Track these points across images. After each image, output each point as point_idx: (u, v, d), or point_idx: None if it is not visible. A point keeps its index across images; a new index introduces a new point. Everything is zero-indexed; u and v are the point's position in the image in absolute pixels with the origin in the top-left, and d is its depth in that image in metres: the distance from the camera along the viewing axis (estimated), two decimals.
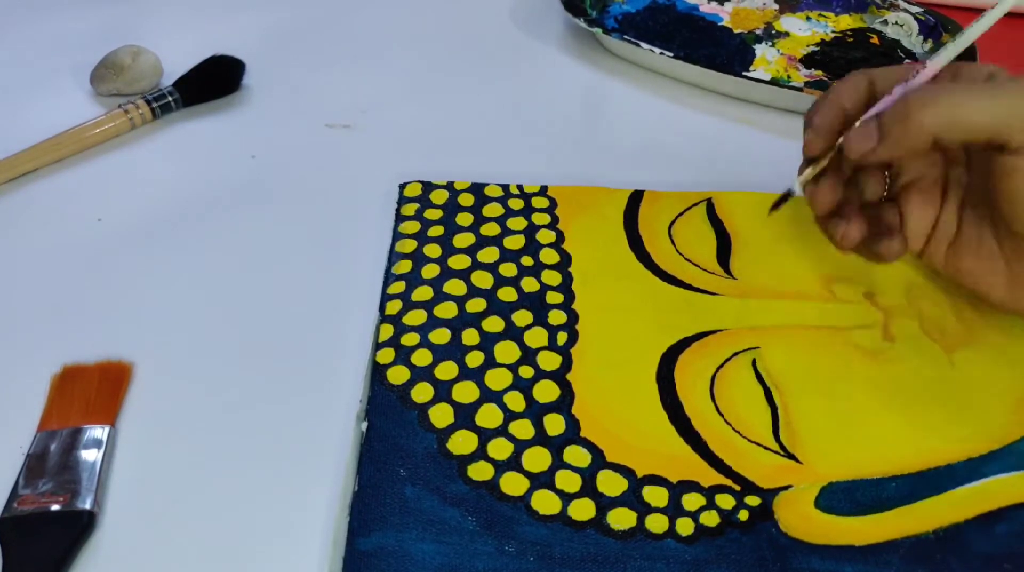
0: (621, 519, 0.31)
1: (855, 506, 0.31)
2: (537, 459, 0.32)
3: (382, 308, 0.38)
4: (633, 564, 0.29)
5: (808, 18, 0.61)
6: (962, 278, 0.37)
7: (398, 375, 0.35)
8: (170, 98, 0.50)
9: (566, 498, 0.31)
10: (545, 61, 0.57)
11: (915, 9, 0.58)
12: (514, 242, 0.41)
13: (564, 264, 0.40)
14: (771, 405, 0.35)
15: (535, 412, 0.34)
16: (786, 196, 0.36)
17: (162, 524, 0.31)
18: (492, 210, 0.43)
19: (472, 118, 0.51)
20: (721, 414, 0.34)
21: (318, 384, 0.36)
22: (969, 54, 0.52)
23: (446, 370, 0.35)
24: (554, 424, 0.34)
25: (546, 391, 0.35)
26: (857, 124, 0.34)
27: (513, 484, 0.32)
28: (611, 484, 0.32)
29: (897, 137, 0.32)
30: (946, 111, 0.31)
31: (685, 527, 0.31)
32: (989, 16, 0.35)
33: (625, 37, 0.54)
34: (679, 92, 0.54)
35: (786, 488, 0.32)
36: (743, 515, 0.31)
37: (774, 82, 0.53)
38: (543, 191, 0.44)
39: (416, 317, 0.38)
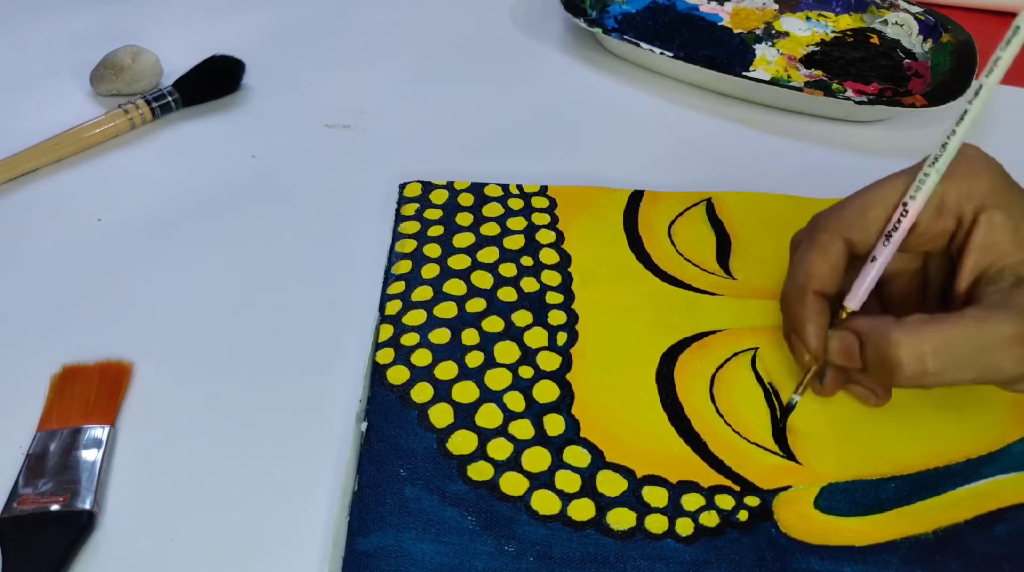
0: (621, 519, 0.31)
1: (854, 507, 0.31)
2: (537, 459, 0.32)
3: (382, 308, 0.38)
4: (633, 564, 0.29)
5: (808, 18, 0.61)
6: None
7: (398, 375, 0.35)
8: (170, 98, 0.50)
9: (566, 498, 0.31)
10: (545, 61, 0.57)
11: (915, 9, 0.58)
12: (514, 242, 0.41)
13: (564, 264, 0.40)
14: (770, 405, 0.35)
15: (535, 412, 0.34)
16: (789, 408, 0.34)
17: (162, 524, 0.31)
18: (492, 210, 0.43)
19: (472, 118, 0.51)
20: (721, 414, 0.34)
21: (318, 384, 0.36)
22: (970, 63, 0.52)
23: (446, 370, 0.35)
24: (554, 424, 0.34)
25: (546, 391, 0.35)
26: (846, 302, 0.33)
27: (513, 484, 0.32)
28: (611, 484, 0.32)
29: (879, 374, 0.31)
30: (925, 368, 0.29)
31: (685, 527, 0.31)
32: (955, 142, 0.31)
33: (625, 37, 0.54)
34: (679, 92, 0.54)
35: (785, 488, 0.32)
36: (743, 515, 0.31)
37: (774, 82, 0.53)
38: (543, 191, 0.44)
39: (416, 317, 0.38)
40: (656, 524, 0.31)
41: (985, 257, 0.31)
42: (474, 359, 0.36)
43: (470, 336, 0.37)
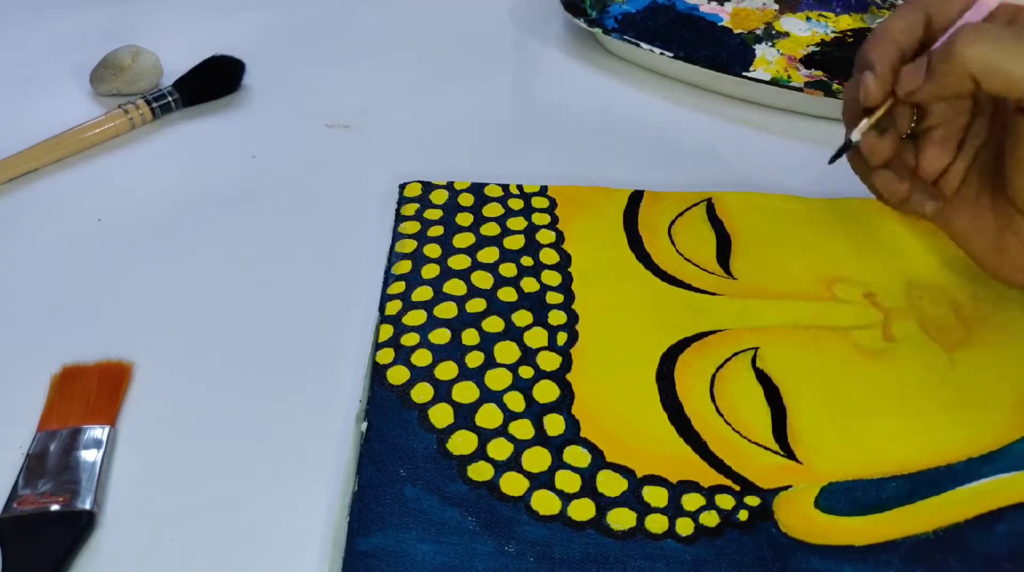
0: (621, 519, 0.31)
1: (855, 506, 0.31)
2: (537, 459, 0.32)
3: (382, 308, 0.38)
4: (633, 564, 0.29)
5: (808, 18, 0.61)
6: (950, 233, 0.37)
7: (398, 375, 0.35)
8: (170, 98, 0.50)
9: (566, 498, 0.31)
10: (545, 61, 0.57)
11: None
12: (514, 242, 0.41)
13: (564, 264, 0.40)
14: (771, 405, 0.35)
15: (535, 412, 0.34)
16: (846, 146, 0.34)
17: (162, 524, 0.31)
18: (492, 210, 0.43)
19: (472, 118, 0.51)
20: (721, 414, 0.34)
21: (318, 384, 0.36)
22: None
23: (446, 370, 0.35)
24: (554, 424, 0.34)
25: (546, 391, 0.35)
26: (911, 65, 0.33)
27: (513, 484, 0.32)
28: (611, 484, 0.32)
29: (941, 75, 0.32)
30: (990, 53, 0.30)
31: (685, 527, 0.31)
32: None
33: (625, 37, 0.54)
34: (679, 92, 0.54)
35: (786, 488, 0.32)
36: (743, 515, 0.31)
37: (774, 82, 0.53)
38: (543, 191, 0.44)
39: (416, 317, 0.38)
40: (656, 524, 0.31)
41: None
42: (474, 359, 0.36)
43: (470, 336, 0.37)
